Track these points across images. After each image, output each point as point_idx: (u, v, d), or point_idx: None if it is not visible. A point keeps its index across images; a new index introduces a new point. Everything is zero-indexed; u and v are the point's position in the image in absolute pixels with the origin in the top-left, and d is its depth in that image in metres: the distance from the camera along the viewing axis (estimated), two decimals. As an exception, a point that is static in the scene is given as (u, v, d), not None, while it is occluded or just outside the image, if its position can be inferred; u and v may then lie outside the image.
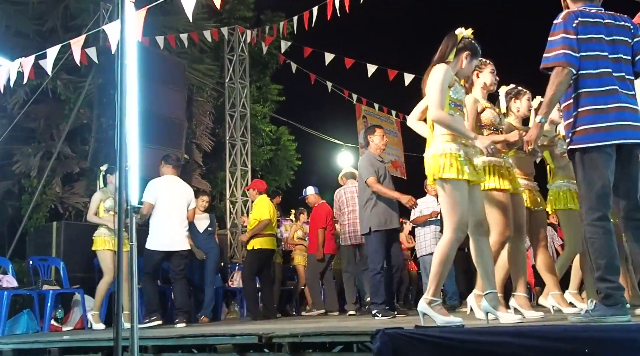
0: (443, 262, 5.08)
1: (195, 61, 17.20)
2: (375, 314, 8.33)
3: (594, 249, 4.58)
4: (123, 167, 4.60)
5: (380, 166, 8.85)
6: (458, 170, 5.07)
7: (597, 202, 4.61)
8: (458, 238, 5.09)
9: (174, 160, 9.88)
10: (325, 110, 22.57)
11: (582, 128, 4.67)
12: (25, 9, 14.58)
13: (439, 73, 5.22)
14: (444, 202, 5.21)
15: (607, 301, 4.46)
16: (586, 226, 4.66)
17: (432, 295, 5.08)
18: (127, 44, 4.83)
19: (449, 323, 4.82)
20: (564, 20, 4.79)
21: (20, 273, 10.81)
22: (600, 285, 4.53)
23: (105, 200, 9.63)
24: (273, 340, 4.83)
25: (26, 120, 13.72)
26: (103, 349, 5.95)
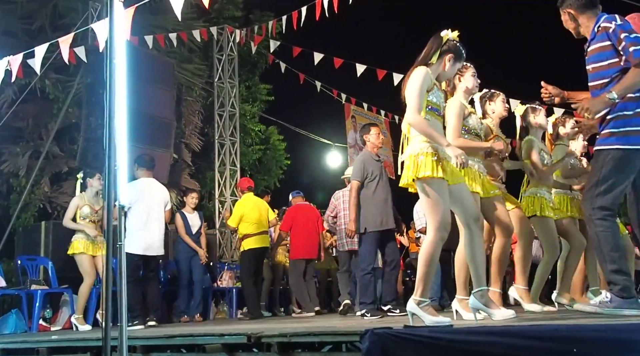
0: (428, 262, 5.07)
1: (184, 61, 17.17)
2: (364, 314, 8.34)
3: (607, 242, 4.65)
4: (112, 166, 4.60)
5: (376, 166, 8.85)
6: (433, 169, 5.04)
7: (613, 202, 4.69)
8: (441, 238, 5.08)
9: (147, 161, 9.79)
10: (314, 110, 22.58)
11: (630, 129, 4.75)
12: (13, 7, 14.53)
13: (419, 76, 5.19)
14: (423, 202, 5.20)
15: (624, 293, 4.52)
16: (597, 220, 4.71)
17: (421, 295, 5.08)
18: (116, 43, 4.82)
19: (437, 323, 4.83)
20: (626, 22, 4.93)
21: (8, 272, 10.80)
22: (617, 277, 4.56)
23: (82, 207, 9.60)
24: (262, 340, 4.82)
25: (14, 120, 13.67)
26: (92, 349, 5.94)
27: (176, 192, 15.72)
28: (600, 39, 4.94)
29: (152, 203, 9.49)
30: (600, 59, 4.95)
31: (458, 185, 5.32)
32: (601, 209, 4.67)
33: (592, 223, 4.76)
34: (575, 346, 3.51)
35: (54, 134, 13.45)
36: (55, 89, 14.39)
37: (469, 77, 6.28)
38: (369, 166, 8.80)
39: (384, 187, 8.84)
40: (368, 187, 8.75)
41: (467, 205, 5.42)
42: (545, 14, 5.19)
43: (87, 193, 9.70)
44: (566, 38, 5.70)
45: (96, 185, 9.65)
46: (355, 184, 8.72)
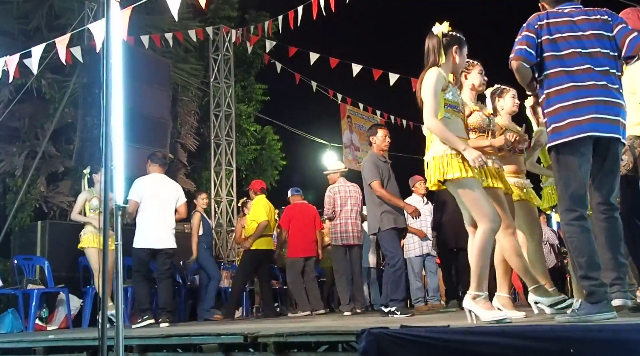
0: (481, 254, 5.09)
1: (180, 60, 17.18)
2: (394, 312, 8.28)
3: (574, 248, 4.62)
4: (108, 166, 4.61)
5: (384, 167, 8.85)
6: (461, 169, 5.07)
7: (573, 202, 4.64)
8: (493, 229, 5.11)
9: (160, 158, 9.86)
10: (310, 110, 22.60)
11: (554, 126, 4.72)
12: (9, 7, 14.52)
13: (431, 78, 5.22)
14: (463, 202, 5.23)
15: (590, 298, 4.47)
16: (564, 226, 4.70)
17: (476, 289, 5.10)
18: (113, 43, 4.83)
19: (494, 318, 4.88)
20: (527, 23, 4.91)
21: (4, 272, 10.81)
22: (584, 283, 4.55)
23: (90, 199, 9.68)
24: (258, 340, 4.82)
25: (11, 120, 13.67)
26: (88, 348, 5.93)
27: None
28: None
29: (161, 198, 9.50)
30: None
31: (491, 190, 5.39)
32: (566, 212, 4.66)
33: (562, 230, 4.78)
34: (572, 347, 3.52)
35: (50, 134, 13.43)
36: (52, 89, 14.41)
37: (476, 75, 6.26)
38: (379, 166, 8.80)
39: (393, 188, 8.85)
40: None
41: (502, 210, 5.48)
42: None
43: (95, 188, 9.76)
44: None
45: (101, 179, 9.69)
46: (377, 183, 8.67)
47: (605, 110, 4.65)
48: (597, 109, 4.63)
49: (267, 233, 11.10)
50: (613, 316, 4.42)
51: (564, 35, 4.81)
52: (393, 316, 8.19)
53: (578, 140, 4.63)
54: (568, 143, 4.65)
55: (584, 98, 4.65)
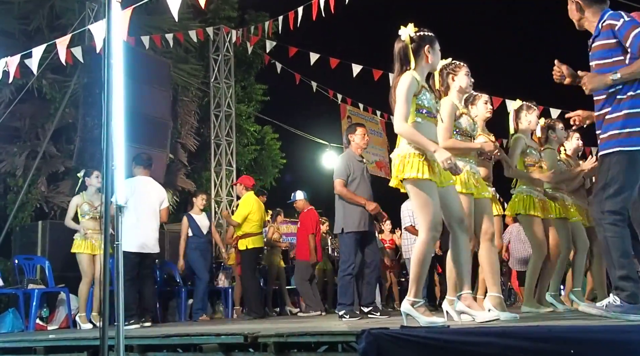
0: (420, 262, 5.11)
1: (180, 61, 17.17)
2: (342, 316, 8.31)
3: (617, 248, 4.61)
4: (109, 166, 4.62)
5: (357, 166, 8.83)
6: (418, 170, 5.07)
7: (623, 205, 4.67)
8: (432, 237, 5.11)
9: (144, 159, 9.84)
10: (310, 110, 22.58)
11: (632, 130, 4.69)
12: (10, 8, 14.52)
13: (404, 83, 5.21)
14: (413, 203, 5.25)
15: (631, 299, 4.49)
16: (607, 224, 4.67)
17: (414, 296, 5.12)
18: (114, 44, 4.85)
19: (432, 323, 4.87)
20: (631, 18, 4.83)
21: (5, 272, 10.82)
22: (626, 284, 4.53)
23: (81, 204, 9.68)
24: (259, 340, 4.83)
25: (11, 120, 13.68)
26: (89, 348, 5.94)
27: (172, 192, 15.76)
28: (605, 36, 4.88)
29: (147, 201, 9.52)
30: (605, 56, 4.89)
31: (446, 188, 5.35)
32: (611, 213, 4.63)
33: (602, 227, 4.72)
34: (572, 348, 3.53)
35: (51, 134, 13.45)
36: (52, 89, 14.41)
37: (463, 76, 6.25)
38: (352, 165, 8.78)
39: (365, 189, 8.80)
40: (349, 186, 8.73)
41: (453, 208, 5.45)
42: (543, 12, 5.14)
43: (87, 192, 9.76)
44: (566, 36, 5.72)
45: (94, 183, 9.72)
46: (340, 182, 8.69)
47: None
48: None
49: (257, 232, 11.07)
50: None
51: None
52: (342, 319, 8.20)
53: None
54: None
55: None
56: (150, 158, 10.00)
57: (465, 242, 5.53)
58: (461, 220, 5.49)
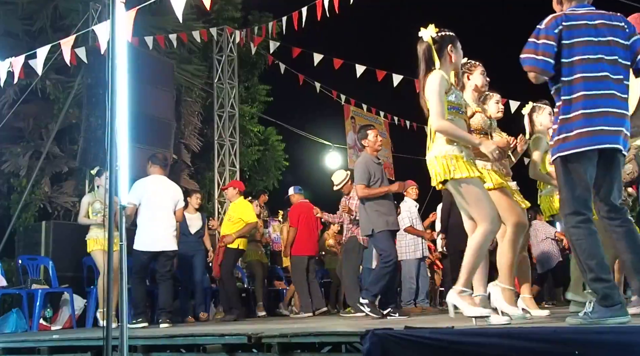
0: (476, 252, 5.11)
1: (184, 61, 17.19)
2: (364, 304, 8.34)
3: (582, 250, 4.56)
4: (113, 166, 4.62)
5: (377, 168, 8.87)
6: (468, 169, 5.11)
7: (579, 205, 4.62)
8: (493, 230, 5.15)
9: (160, 159, 9.88)
10: (314, 111, 22.55)
11: (566, 135, 4.66)
12: (14, 8, 14.56)
13: (434, 81, 5.22)
14: (464, 202, 5.24)
15: (605, 301, 4.42)
16: (570, 229, 4.65)
17: (463, 285, 5.11)
18: (118, 44, 4.85)
19: (478, 315, 4.93)
20: (546, 27, 4.75)
21: (9, 272, 10.83)
22: (596, 286, 4.48)
23: (93, 202, 9.71)
24: (262, 340, 4.84)
25: (15, 120, 13.72)
26: (92, 348, 5.96)
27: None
28: None
29: (160, 200, 9.54)
30: None
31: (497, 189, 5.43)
32: (572, 215, 4.62)
33: (567, 233, 4.74)
34: (577, 349, 3.52)
35: (55, 134, 13.48)
36: (56, 90, 14.44)
37: (478, 75, 6.27)
38: (371, 169, 8.81)
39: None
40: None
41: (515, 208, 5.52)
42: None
43: (98, 191, 9.80)
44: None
45: (104, 183, 9.72)
46: (360, 187, 8.74)
47: (614, 122, 4.62)
48: (606, 121, 4.60)
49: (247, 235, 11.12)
50: (627, 320, 4.39)
51: (582, 40, 4.71)
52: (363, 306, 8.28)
53: (585, 150, 4.61)
54: (576, 153, 4.63)
55: (598, 109, 4.61)
56: (166, 158, 10.08)
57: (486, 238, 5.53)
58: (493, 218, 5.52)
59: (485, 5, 23.81)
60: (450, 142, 5.20)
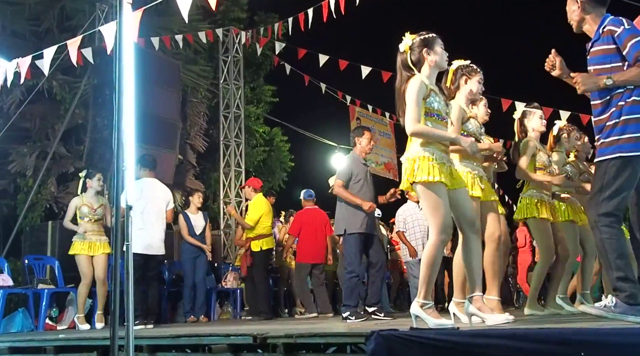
0: (430, 264, 5.09)
1: (190, 62, 17.22)
2: (348, 317, 8.31)
3: (613, 249, 4.60)
4: (120, 167, 4.63)
5: (361, 170, 8.83)
6: (429, 173, 5.07)
7: (618, 207, 4.66)
8: (443, 241, 5.11)
9: (149, 161, 9.85)
10: (319, 112, 22.55)
11: (630, 136, 4.67)
12: (21, 9, 14.59)
13: (412, 87, 5.23)
14: (424, 206, 5.24)
15: (630, 299, 4.47)
16: (603, 227, 4.66)
17: (424, 298, 5.10)
18: (124, 45, 4.86)
19: (441, 325, 4.87)
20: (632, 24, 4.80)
21: (15, 272, 10.84)
22: (624, 284, 4.51)
23: (81, 206, 9.68)
24: (267, 341, 4.85)
25: (22, 120, 13.76)
26: (98, 348, 5.97)
27: (181, 192, 15.78)
28: (605, 42, 4.84)
29: (152, 202, 9.56)
30: (603, 61, 4.85)
31: (457, 190, 5.33)
32: (606, 215, 4.63)
33: (598, 230, 4.71)
34: (583, 350, 3.51)
35: (61, 135, 13.53)
36: (62, 90, 14.46)
37: (475, 82, 6.26)
38: (355, 168, 8.79)
39: (368, 191, 8.79)
40: (352, 188, 8.72)
41: (464, 210, 5.42)
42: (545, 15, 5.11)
43: (87, 194, 9.76)
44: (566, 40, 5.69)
45: (95, 186, 9.73)
46: (339, 183, 8.72)
47: None
48: None
49: (269, 233, 11.13)
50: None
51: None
52: (347, 321, 8.22)
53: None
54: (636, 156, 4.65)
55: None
56: (154, 159, 10.00)
57: (477, 244, 5.52)
58: (472, 223, 5.48)
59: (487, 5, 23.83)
60: (424, 145, 5.20)
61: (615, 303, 4.51)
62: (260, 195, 11.33)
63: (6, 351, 6.74)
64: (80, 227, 9.61)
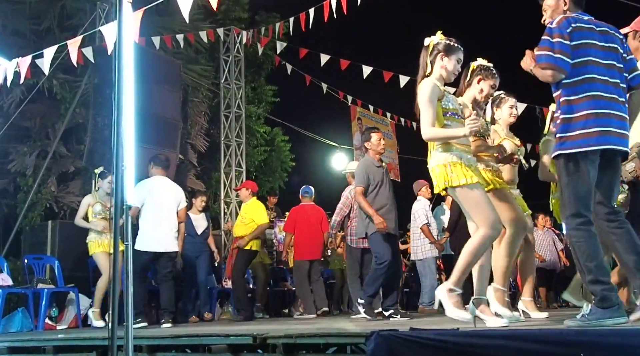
0: (473, 254, 5.16)
1: (191, 62, 17.21)
2: (361, 304, 8.40)
3: (582, 252, 4.60)
4: (119, 166, 4.62)
5: (377, 172, 8.82)
6: (465, 175, 5.15)
7: (581, 207, 4.64)
8: (492, 235, 5.18)
9: (162, 160, 9.89)
10: (320, 112, 22.56)
11: (570, 134, 4.69)
12: (22, 8, 14.57)
13: (425, 90, 5.30)
14: (465, 208, 5.30)
15: (603, 303, 4.45)
16: (571, 230, 4.69)
17: (454, 283, 5.15)
18: (124, 44, 4.85)
19: (457, 317, 4.95)
20: (558, 25, 4.79)
21: (15, 271, 10.83)
22: (595, 288, 4.52)
23: (94, 204, 9.70)
24: (267, 341, 4.85)
25: (22, 119, 13.75)
26: (97, 348, 5.96)
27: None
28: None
29: (163, 201, 9.56)
30: None
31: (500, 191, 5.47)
32: (573, 217, 4.64)
33: (568, 235, 4.78)
34: (583, 351, 3.51)
35: (61, 134, 13.51)
36: (63, 89, 14.44)
37: (487, 86, 6.21)
38: (370, 172, 8.79)
39: (385, 194, 8.79)
40: (370, 193, 8.74)
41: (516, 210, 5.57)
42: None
43: (99, 193, 9.80)
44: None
45: (106, 187, 9.75)
46: (359, 189, 8.72)
47: (619, 124, 4.68)
48: (612, 122, 4.65)
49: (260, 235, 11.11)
50: (625, 321, 4.41)
51: (588, 42, 4.78)
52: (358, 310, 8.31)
53: (590, 150, 4.63)
54: (580, 152, 4.65)
55: (602, 110, 4.66)
56: (168, 159, 10.06)
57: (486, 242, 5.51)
58: (523, 224, 5.54)
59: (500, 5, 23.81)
60: (446, 149, 5.27)
61: (590, 309, 4.50)
62: (255, 199, 11.31)
63: (5, 351, 6.73)
64: (93, 224, 9.62)
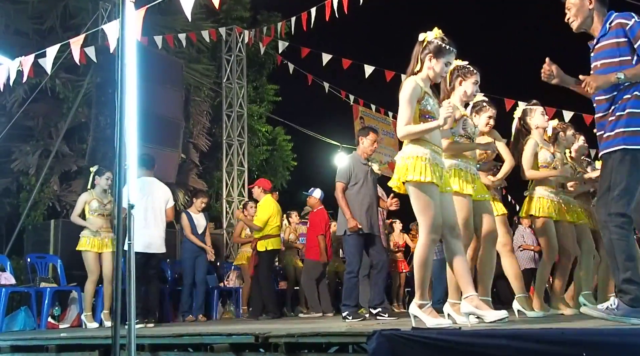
0: (422, 265, 5.14)
1: (193, 61, 17.23)
2: (346, 316, 8.29)
3: (622, 251, 4.56)
4: (122, 166, 4.63)
5: (361, 169, 8.76)
6: (421, 172, 5.09)
7: (628, 206, 4.62)
8: (433, 240, 5.15)
9: (147, 161, 9.81)
10: (322, 111, 22.56)
11: (634, 129, 4.65)
12: (24, 7, 14.62)
13: (406, 89, 5.26)
14: (414, 205, 5.24)
15: (634, 303, 4.44)
16: (613, 227, 4.61)
17: (421, 298, 5.15)
18: (127, 44, 4.86)
19: (439, 325, 4.89)
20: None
21: (17, 270, 10.85)
22: (630, 287, 4.47)
23: (90, 201, 9.67)
24: (269, 340, 4.84)
25: (25, 119, 13.78)
26: (100, 347, 5.97)
27: (184, 191, 15.78)
28: (614, 35, 4.82)
29: (152, 201, 9.53)
30: (612, 55, 4.82)
31: (443, 194, 5.35)
32: (618, 215, 4.58)
33: (607, 230, 4.66)
34: (584, 350, 3.50)
35: (64, 133, 13.53)
36: (65, 89, 14.47)
37: (470, 84, 6.18)
38: (355, 168, 8.74)
39: (369, 191, 8.74)
40: (352, 189, 8.68)
41: (447, 214, 5.38)
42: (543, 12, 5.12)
43: (95, 190, 9.77)
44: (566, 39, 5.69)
45: (103, 184, 9.70)
46: (340, 185, 8.68)
47: None
48: None
49: (276, 234, 11.07)
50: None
51: None
52: (345, 321, 8.18)
53: None
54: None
55: None
56: (153, 158, 9.96)
57: (458, 247, 5.44)
58: (452, 227, 5.43)
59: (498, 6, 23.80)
60: (418, 144, 5.24)
61: (618, 305, 4.47)
62: (269, 196, 11.30)
63: (8, 350, 6.75)
64: (89, 222, 9.62)
